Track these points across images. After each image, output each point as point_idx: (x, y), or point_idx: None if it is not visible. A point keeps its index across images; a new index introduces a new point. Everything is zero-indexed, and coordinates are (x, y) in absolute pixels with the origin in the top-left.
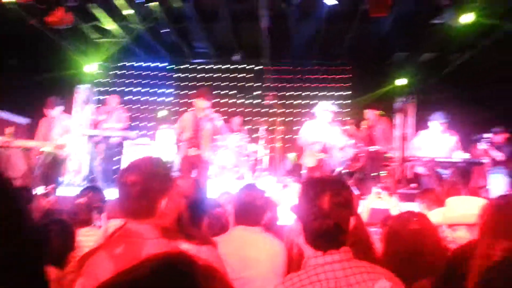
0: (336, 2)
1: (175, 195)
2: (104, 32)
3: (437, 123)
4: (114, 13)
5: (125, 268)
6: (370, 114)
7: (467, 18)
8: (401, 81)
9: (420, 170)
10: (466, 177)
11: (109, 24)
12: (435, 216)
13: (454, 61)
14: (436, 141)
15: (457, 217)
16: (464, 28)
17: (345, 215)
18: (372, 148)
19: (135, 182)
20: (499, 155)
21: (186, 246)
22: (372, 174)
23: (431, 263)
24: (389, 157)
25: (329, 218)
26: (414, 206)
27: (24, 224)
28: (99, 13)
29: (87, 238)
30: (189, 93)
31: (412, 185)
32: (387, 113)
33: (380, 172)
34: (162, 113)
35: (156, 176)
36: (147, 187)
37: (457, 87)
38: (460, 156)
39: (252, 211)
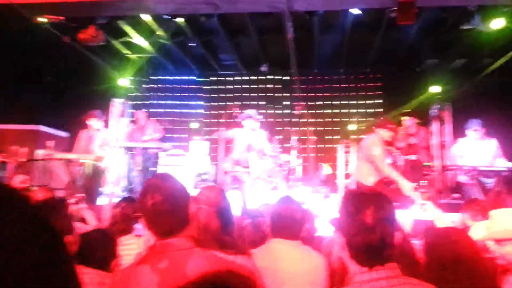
0: (360, 12)
1: (200, 205)
2: (135, 48)
3: (474, 130)
4: (143, 29)
5: (170, 282)
6: (408, 122)
7: (497, 23)
8: (435, 88)
9: (462, 179)
10: (511, 186)
11: (138, 40)
12: (479, 230)
13: (487, 67)
14: (476, 148)
15: (502, 231)
16: (495, 33)
17: (390, 230)
18: (411, 157)
19: (159, 202)
20: None
21: (223, 256)
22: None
23: (472, 275)
24: (429, 166)
25: (374, 233)
26: (458, 217)
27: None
28: (129, 29)
29: (127, 246)
30: (219, 104)
31: (455, 195)
32: (422, 121)
33: (421, 182)
34: (194, 125)
35: (176, 191)
36: (171, 204)
37: (492, 92)
38: (504, 163)
39: (290, 224)
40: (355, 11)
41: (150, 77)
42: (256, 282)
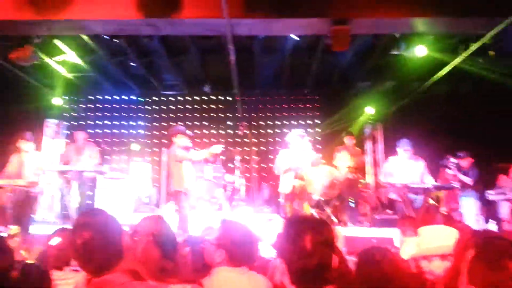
0: (297, 39)
1: (136, 236)
2: (71, 66)
3: (404, 149)
4: (80, 47)
5: None
6: (348, 141)
7: (420, 51)
8: (368, 109)
9: (392, 196)
10: (438, 202)
11: (75, 59)
12: (410, 247)
13: (415, 90)
14: (405, 167)
15: (431, 248)
16: (420, 59)
17: (328, 253)
18: (349, 175)
19: (89, 239)
20: (467, 180)
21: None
22: (349, 201)
23: None
24: (365, 184)
25: (313, 257)
26: (392, 232)
27: None
28: (65, 48)
29: (64, 281)
30: (161, 124)
31: (388, 211)
32: (356, 140)
33: (357, 199)
34: (135, 146)
35: (107, 226)
36: (102, 239)
37: (420, 114)
38: (431, 181)
39: (248, 251)
40: (294, 36)
41: (88, 97)
42: None
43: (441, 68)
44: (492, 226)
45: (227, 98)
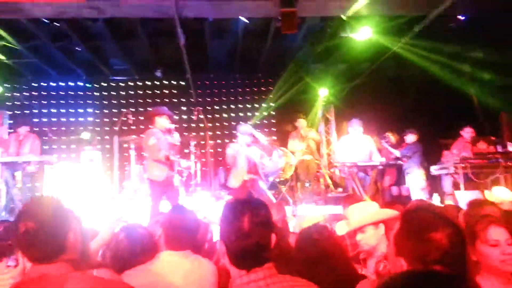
0: (247, 21)
1: (76, 226)
2: (10, 52)
3: (353, 128)
4: (19, 32)
5: None
6: (301, 123)
7: (366, 33)
8: (322, 91)
9: (343, 174)
10: (384, 177)
11: (14, 44)
12: (342, 226)
13: (364, 71)
14: (355, 146)
15: (360, 220)
16: (368, 42)
17: (266, 234)
18: (306, 157)
19: (34, 229)
20: (397, 153)
21: (104, 274)
22: (304, 182)
23: (332, 268)
24: (318, 164)
25: (250, 237)
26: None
27: None
28: (3, 32)
29: (1, 276)
30: (112, 111)
31: (339, 189)
32: (310, 122)
33: (311, 179)
34: (85, 134)
35: (54, 215)
36: (49, 229)
37: (370, 94)
38: (378, 158)
39: (183, 235)
40: (244, 19)
41: (32, 84)
42: None
43: (389, 50)
44: (436, 199)
45: (180, 82)
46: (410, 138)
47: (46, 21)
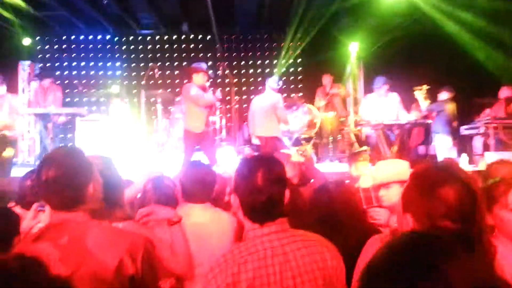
0: None
1: (97, 177)
2: (39, 4)
3: (379, 86)
4: None
5: (72, 257)
6: (326, 79)
7: None
8: (351, 47)
9: (369, 133)
10: (411, 136)
11: None
12: (367, 179)
13: (397, 27)
14: (381, 104)
15: (387, 176)
16: None
17: (279, 190)
18: (329, 114)
19: (56, 178)
20: (423, 106)
21: (122, 225)
22: (328, 139)
23: (345, 225)
24: (343, 122)
25: (263, 193)
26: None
27: None
28: None
29: (29, 220)
30: (138, 65)
31: (364, 147)
32: (338, 79)
33: (336, 137)
34: (115, 88)
35: (76, 165)
36: (69, 179)
37: (402, 51)
38: (406, 117)
39: (200, 188)
40: None
41: (61, 37)
42: (151, 244)
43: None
44: (464, 160)
45: (206, 37)
46: (443, 95)
47: None
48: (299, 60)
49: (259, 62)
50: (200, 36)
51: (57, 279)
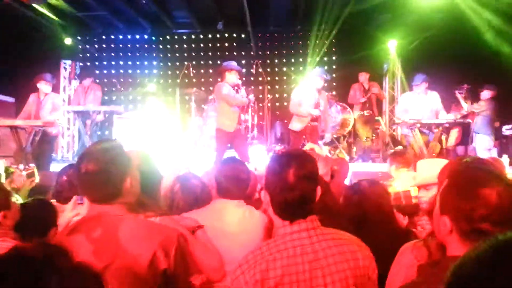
0: None
1: (135, 172)
2: (81, 5)
3: (418, 84)
4: None
5: (105, 250)
6: (363, 77)
7: None
8: (389, 44)
9: (405, 131)
10: (450, 136)
11: None
12: (405, 180)
13: (436, 23)
14: (420, 102)
15: (428, 177)
16: None
17: (310, 187)
18: (365, 112)
19: (94, 171)
20: (465, 106)
21: (153, 219)
22: (362, 138)
23: (377, 227)
24: (379, 120)
25: (294, 190)
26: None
27: None
28: None
29: (67, 212)
30: (175, 64)
31: (399, 147)
32: (375, 76)
33: (370, 136)
34: (151, 86)
35: (114, 160)
36: (108, 173)
37: (442, 48)
38: (445, 116)
39: (234, 184)
40: None
41: (101, 37)
42: (183, 238)
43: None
44: (505, 161)
45: (241, 36)
46: (485, 94)
47: None
48: (334, 57)
49: (293, 60)
50: (234, 35)
51: (82, 268)
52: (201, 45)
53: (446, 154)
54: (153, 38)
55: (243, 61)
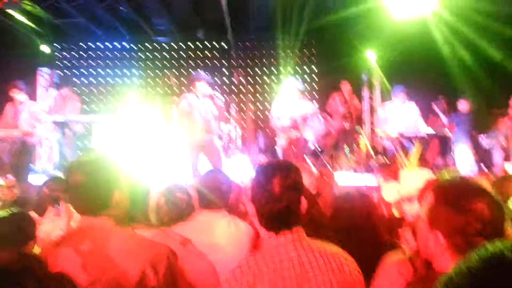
0: None
1: (124, 184)
2: (58, 12)
3: (397, 94)
4: None
5: (94, 263)
6: (345, 87)
7: None
8: (368, 53)
9: (386, 143)
10: (430, 147)
11: (61, 3)
12: (390, 192)
13: (416, 33)
14: (399, 113)
15: (411, 190)
16: None
17: (296, 197)
18: (345, 123)
19: (82, 183)
20: (444, 119)
21: (145, 233)
22: (344, 149)
23: (364, 239)
24: (360, 131)
25: (280, 201)
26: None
27: None
28: None
29: (45, 225)
30: (155, 72)
31: (382, 158)
32: (354, 86)
33: (352, 147)
34: (130, 94)
35: (103, 171)
36: (96, 185)
37: (421, 59)
38: (424, 128)
39: (215, 196)
40: None
41: (79, 43)
42: (173, 255)
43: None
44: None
45: (222, 44)
46: (462, 105)
47: None
48: (313, 66)
49: (273, 69)
50: (214, 43)
51: (59, 277)
52: (181, 53)
53: (427, 165)
54: (132, 45)
55: (225, 70)
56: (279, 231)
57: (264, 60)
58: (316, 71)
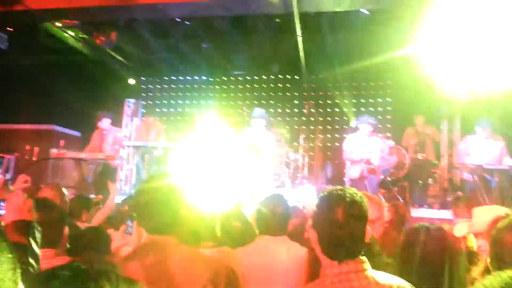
0: (367, 13)
1: (189, 204)
2: (146, 48)
3: (482, 128)
4: (155, 30)
5: (155, 277)
6: (418, 119)
7: None
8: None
9: (466, 176)
10: None
11: (150, 41)
12: (462, 227)
13: None
14: (482, 147)
15: (481, 225)
16: None
17: (360, 226)
18: (419, 155)
19: (150, 203)
20: None
21: (207, 251)
22: (418, 182)
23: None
24: (436, 164)
25: (344, 229)
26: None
27: None
28: (142, 31)
29: (118, 241)
30: (229, 104)
31: (459, 193)
32: (432, 119)
33: (427, 180)
34: (207, 125)
35: (170, 194)
36: (162, 205)
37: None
38: (509, 161)
39: (273, 220)
40: (365, 11)
41: (163, 77)
42: (233, 274)
43: None
44: None
45: (294, 77)
46: None
47: (179, 20)
48: (388, 99)
49: (346, 101)
50: (288, 76)
51: (131, 280)
52: (255, 85)
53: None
54: (210, 78)
55: (295, 101)
56: (342, 260)
57: (335, 92)
58: (391, 102)
